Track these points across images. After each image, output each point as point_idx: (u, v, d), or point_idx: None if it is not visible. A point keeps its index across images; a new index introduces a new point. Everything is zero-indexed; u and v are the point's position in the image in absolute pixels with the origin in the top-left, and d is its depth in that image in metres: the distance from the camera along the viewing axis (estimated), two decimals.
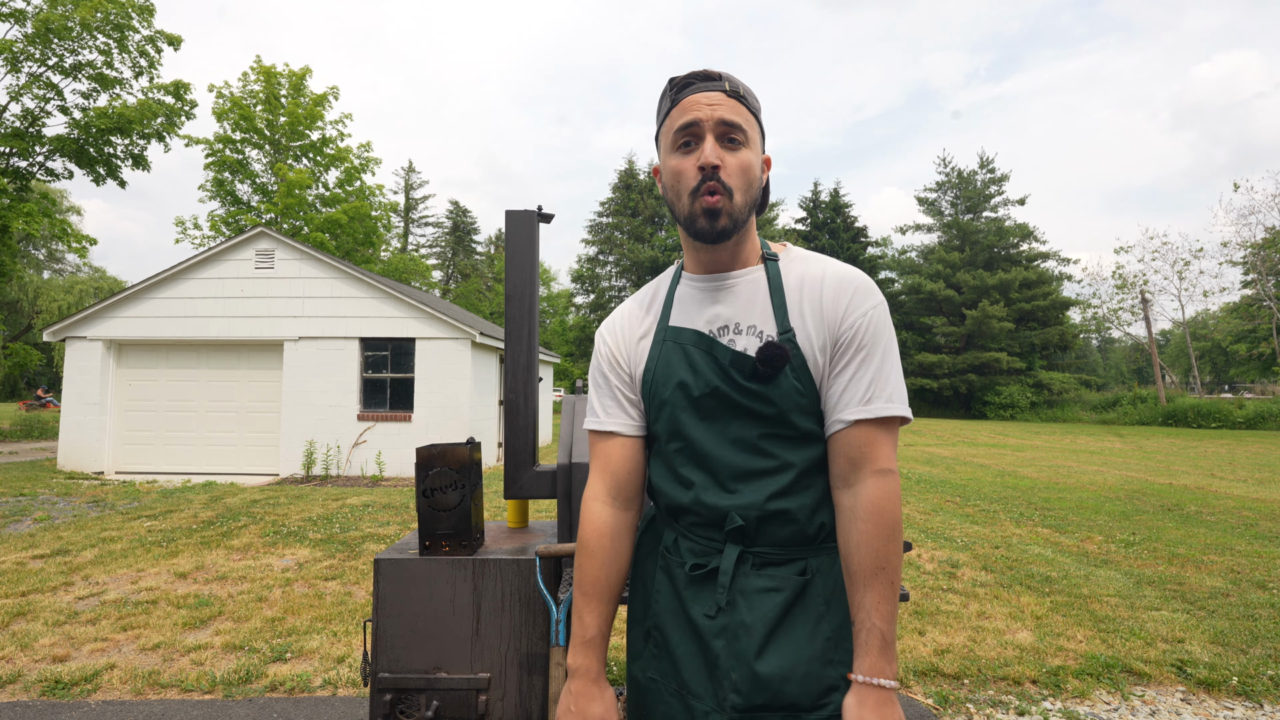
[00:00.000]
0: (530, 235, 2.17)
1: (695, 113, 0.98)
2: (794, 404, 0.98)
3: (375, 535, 5.88)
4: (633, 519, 1.12)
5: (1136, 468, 11.62)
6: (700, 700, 0.99)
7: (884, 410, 0.95)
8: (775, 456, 0.99)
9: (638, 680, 1.10)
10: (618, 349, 1.13)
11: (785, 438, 0.99)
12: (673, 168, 1.01)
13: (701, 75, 1.01)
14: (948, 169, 41.20)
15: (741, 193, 0.98)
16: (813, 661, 0.95)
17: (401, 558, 1.86)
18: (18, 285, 36.21)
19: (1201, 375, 42.53)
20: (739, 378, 0.99)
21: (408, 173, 51.87)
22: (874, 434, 0.95)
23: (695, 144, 0.98)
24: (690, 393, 1.03)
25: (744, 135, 0.99)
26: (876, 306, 0.99)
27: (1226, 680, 2.99)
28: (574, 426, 2.05)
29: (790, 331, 0.99)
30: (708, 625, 1.00)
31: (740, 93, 1.00)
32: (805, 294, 1.01)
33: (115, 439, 10.57)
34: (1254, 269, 29.83)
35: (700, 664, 1.00)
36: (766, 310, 1.02)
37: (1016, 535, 6.03)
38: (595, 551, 1.07)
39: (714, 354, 1.02)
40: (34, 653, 3.29)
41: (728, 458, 1.00)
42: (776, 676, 0.94)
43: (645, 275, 39.60)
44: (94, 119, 14.95)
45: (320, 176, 23.15)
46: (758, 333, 1.01)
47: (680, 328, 1.07)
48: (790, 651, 0.95)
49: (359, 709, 2.75)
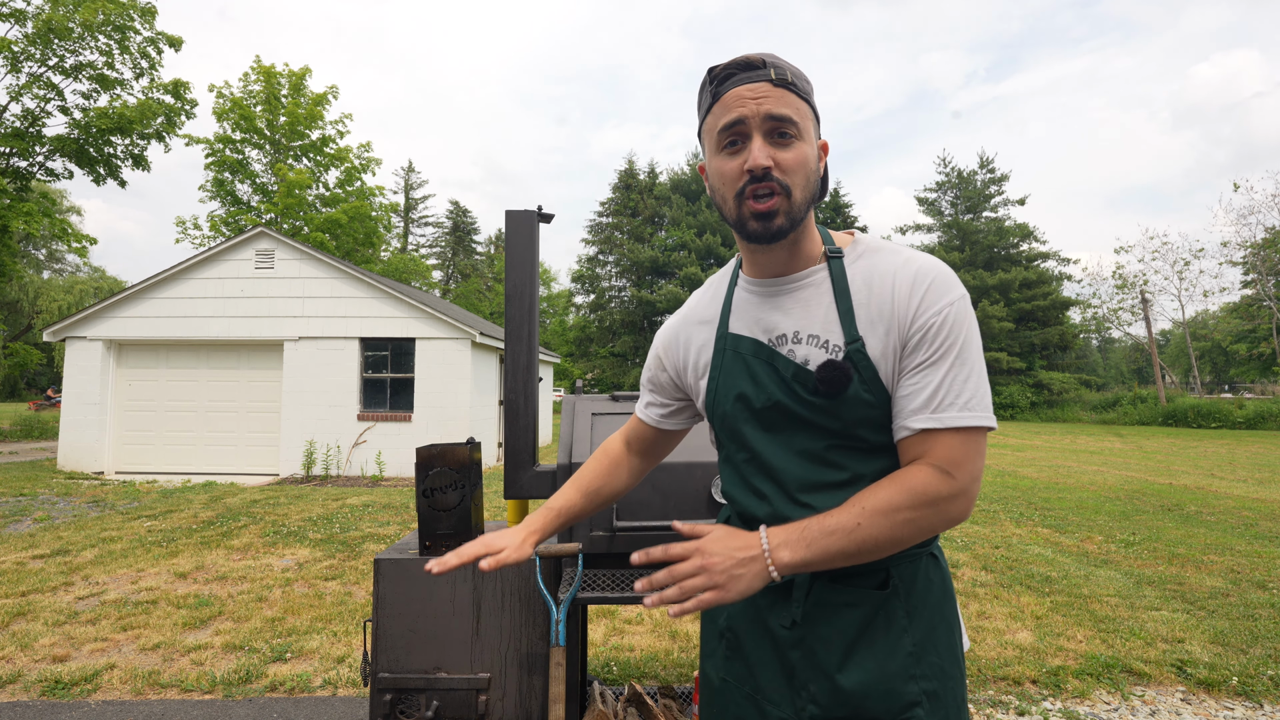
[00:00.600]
0: (530, 235, 2.17)
1: (739, 109, 0.89)
2: (862, 417, 0.91)
3: (375, 535, 5.88)
4: (635, 461, 1.24)
5: (1136, 468, 11.62)
6: (777, 707, 0.97)
7: (957, 419, 0.86)
8: (845, 468, 0.94)
9: (710, 680, 1.10)
10: (664, 353, 1.16)
11: (854, 449, 0.94)
12: (719, 169, 0.93)
13: (743, 64, 0.91)
14: (948, 169, 41.19)
15: (800, 189, 0.90)
16: (894, 677, 0.91)
17: (401, 558, 1.86)
18: (18, 285, 36.18)
19: (1201, 375, 42.55)
20: (802, 392, 0.93)
21: (408, 173, 51.90)
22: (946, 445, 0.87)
23: (742, 143, 0.90)
24: (752, 405, 0.98)
25: (796, 127, 0.89)
26: (954, 303, 0.89)
27: (1226, 680, 2.99)
28: (574, 426, 2.05)
29: (858, 341, 0.91)
30: (785, 635, 0.97)
31: (788, 79, 0.90)
32: (874, 295, 0.92)
33: (115, 439, 10.57)
34: (1254, 269, 29.82)
35: (777, 671, 0.98)
36: (831, 317, 0.94)
37: (1016, 535, 6.03)
38: (594, 457, 1.25)
39: (775, 365, 0.96)
40: (34, 653, 3.29)
41: (794, 470, 0.95)
42: (858, 692, 0.91)
43: (645, 275, 39.62)
44: (94, 119, 14.95)
45: (320, 176, 23.15)
46: (821, 343, 0.94)
47: (740, 335, 1.02)
48: (871, 666, 0.92)
49: (359, 709, 2.75)
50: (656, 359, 1.18)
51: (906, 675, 0.91)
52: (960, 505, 0.86)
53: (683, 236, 38.15)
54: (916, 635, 0.93)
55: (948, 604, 0.98)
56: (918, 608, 0.94)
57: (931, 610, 0.95)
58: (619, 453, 1.24)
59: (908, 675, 0.91)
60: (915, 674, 0.91)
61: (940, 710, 0.92)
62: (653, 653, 3.35)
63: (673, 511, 1.88)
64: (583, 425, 2.05)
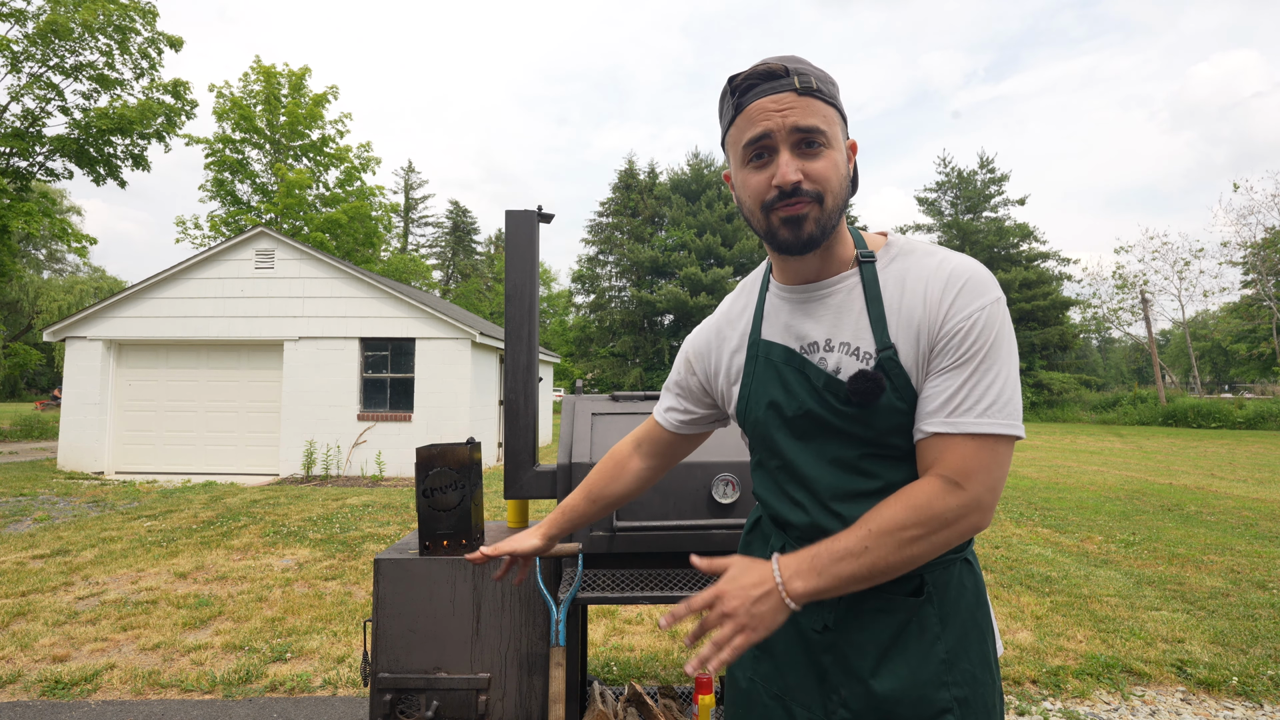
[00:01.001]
0: (530, 235, 2.17)
1: (765, 123, 0.87)
2: (895, 425, 0.90)
3: (375, 535, 5.88)
4: (643, 464, 1.23)
5: (1136, 468, 11.62)
6: (806, 709, 0.97)
7: (974, 425, 0.84)
8: (878, 476, 0.92)
9: (738, 680, 1.09)
10: (695, 357, 1.15)
11: (888, 457, 0.93)
12: (745, 182, 0.92)
13: (765, 73, 0.89)
14: (948, 169, 41.18)
15: (832, 195, 0.88)
16: (927, 684, 0.91)
17: (401, 558, 1.86)
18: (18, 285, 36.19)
19: (1201, 375, 42.54)
20: (834, 401, 0.92)
21: (408, 173, 51.89)
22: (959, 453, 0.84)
23: (769, 156, 0.88)
24: (784, 413, 0.98)
25: (824, 136, 0.88)
26: (988, 306, 0.86)
27: (1226, 680, 2.99)
28: (574, 426, 2.05)
29: (891, 348, 0.89)
30: (816, 639, 0.97)
31: (813, 86, 0.88)
32: (906, 299, 0.90)
33: (115, 439, 10.57)
34: (1254, 269, 29.81)
35: (808, 673, 0.98)
36: (862, 324, 0.92)
37: (1016, 535, 6.03)
38: (601, 461, 1.27)
39: (806, 374, 0.95)
40: (34, 653, 3.29)
41: (827, 479, 0.95)
42: (890, 697, 0.91)
43: (645, 275, 39.60)
44: (94, 119, 14.95)
45: (320, 176, 23.15)
46: (853, 350, 0.92)
47: (771, 342, 1.01)
48: (904, 673, 0.91)
49: (359, 709, 2.75)
50: (686, 363, 1.17)
51: (939, 682, 0.91)
52: (973, 520, 0.84)
53: (683, 236, 38.14)
54: (950, 642, 0.92)
55: (980, 610, 0.97)
56: (951, 614, 0.93)
57: (965, 616, 0.94)
58: (624, 457, 1.25)
59: (940, 682, 0.91)
60: (947, 681, 0.91)
61: (970, 717, 0.91)
62: (653, 653, 3.35)
63: (672, 512, 1.88)
64: (583, 425, 2.05)
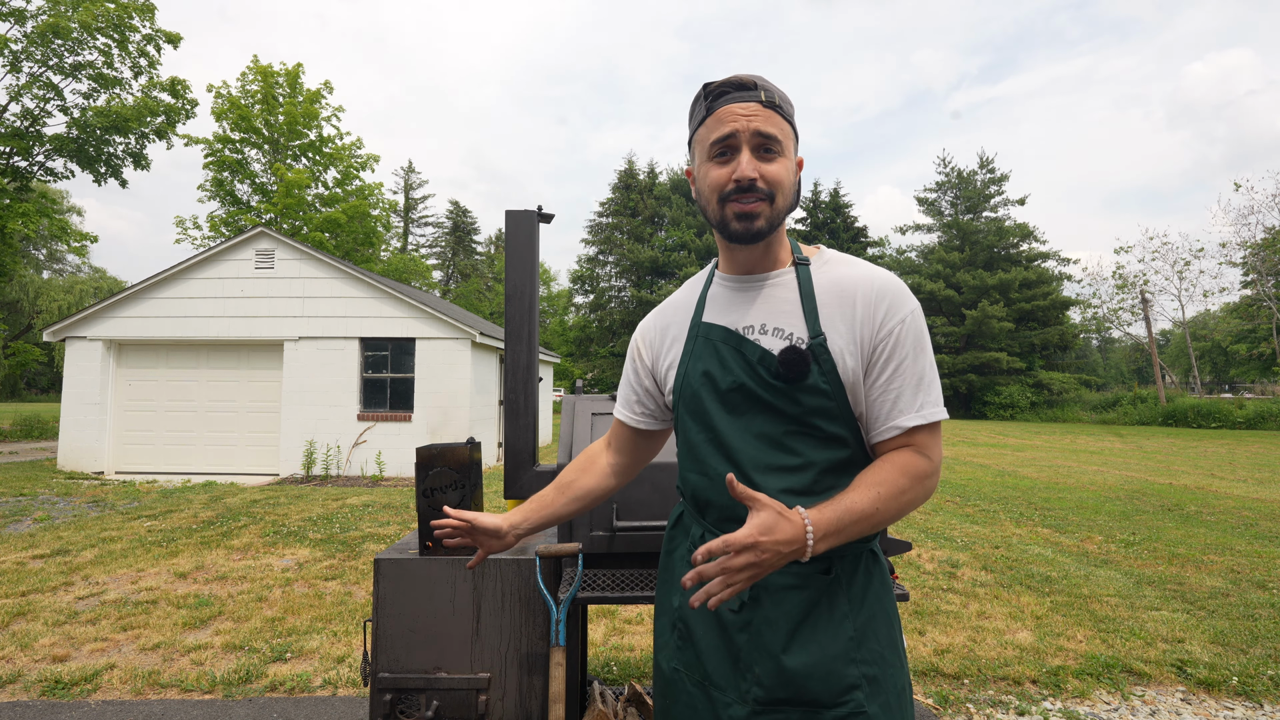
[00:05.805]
0: (530, 235, 2.17)
1: (732, 124, 0.99)
2: (818, 406, 1.00)
3: (375, 535, 5.88)
4: (612, 461, 1.29)
5: (1136, 468, 11.62)
6: (722, 692, 1.02)
7: (934, 415, 0.99)
8: (799, 454, 1.01)
9: (662, 670, 1.14)
10: (644, 343, 1.23)
11: (810, 436, 1.01)
12: (707, 175, 1.04)
13: (736, 84, 1.02)
14: (947, 169, 41.18)
15: (782, 196, 1.02)
16: (835, 660, 0.97)
17: (401, 558, 1.86)
18: (18, 285, 36.23)
19: (1201, 375, 42.52)
20: (765, 375, 1.01)
21: (407, 173, 51.87)
22: (925, 437, 1.00)
23: (732, 155, 1.01)
24: (717, 385, 1.06)
25: (780, 145, 1.01)
26: (913, 312, 1.01)
27: (1226, 680, 2.99)
28: (574, 426, 2.05)
29: (821, 336, 1.00)
30: (732, 619, 1.02)
31: (776, 102, 1.01)
32: (836, 299, 1.03)
33: (115, 439, 10.56)
34: (1254, 269, 29.80)
35: (724, 656, 1.03)
36: (796, 314, 1.04)
37: (1016, 535, 6.03)
38: (575, 460, 1.32)
39: (742, 350, 1.04)
40: (34, 653, 3.28)
41: (751, 451, 1.02)
42: (801, 672, 0.96)
43: (645, 275, 39.62)
44: (94, 118, 14.95)
45: (319, 176, 23.14)
46: (786, 335, 1.03)
47: (711, 324, 1.10)
48: (814, 648, 0.97)
49: (359, 709, 2.75)
50: (636, 351, 1.25)
51: (848, 659, 0.97)
52: (935, 481, 1.01)
53: (682, 236, 38.14)
54: (858, 622, 0.99)
55: (887, 597, 1.05)
56: (859, 597, 1.01)
57: (872, 601, 1.02)
58: (596, 452, 1.31)
59: (849, 659, 0.97)
60: (856, 658, 0.97)
61: (880, 695, 0.97)
62: (652, 653, 3.35)
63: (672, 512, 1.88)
64: (583, 425, 2.05)
